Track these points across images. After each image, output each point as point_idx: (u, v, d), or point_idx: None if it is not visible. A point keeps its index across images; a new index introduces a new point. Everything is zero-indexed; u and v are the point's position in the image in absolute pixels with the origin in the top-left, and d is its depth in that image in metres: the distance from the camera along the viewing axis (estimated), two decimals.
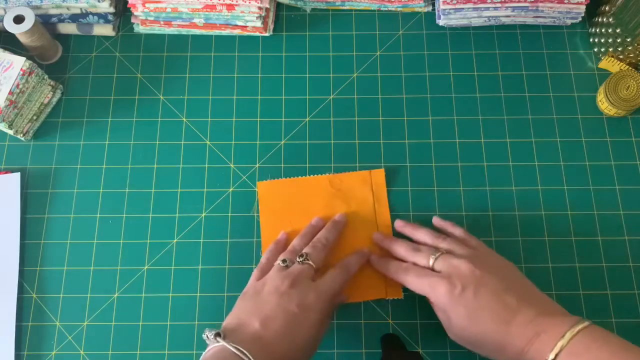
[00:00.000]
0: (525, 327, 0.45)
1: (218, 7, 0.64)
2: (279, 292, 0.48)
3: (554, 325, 0.44)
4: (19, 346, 0.57)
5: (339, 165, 0.62)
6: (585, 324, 0.43)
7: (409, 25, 0.69)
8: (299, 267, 0.51)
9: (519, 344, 0.44)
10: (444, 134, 0.63)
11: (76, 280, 0.59)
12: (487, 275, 0.47)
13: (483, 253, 0.52)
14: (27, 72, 0.60)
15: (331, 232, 0.56)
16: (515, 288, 0.47)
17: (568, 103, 0.65)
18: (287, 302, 0.47)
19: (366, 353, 0.56)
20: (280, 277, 0.49)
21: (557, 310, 0.47)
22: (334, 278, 0.51)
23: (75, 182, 0.62)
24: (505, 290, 0.47)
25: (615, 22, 0.62)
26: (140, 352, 0.56)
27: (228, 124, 0.65)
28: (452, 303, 0.47)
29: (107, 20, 0.67)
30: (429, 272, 0.50)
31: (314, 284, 0.50)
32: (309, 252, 0.52)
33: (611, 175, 0.62)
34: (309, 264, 0.51)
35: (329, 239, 0.55)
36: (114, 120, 0.65)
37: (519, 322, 0.45)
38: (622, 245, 0.59)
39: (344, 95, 0.65)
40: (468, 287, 0.47)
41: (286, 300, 0.47)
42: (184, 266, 0.59)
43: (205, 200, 0.61)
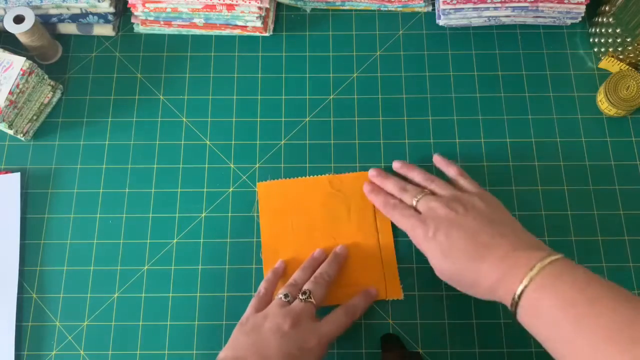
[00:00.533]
0: (499, 263, 0.45)
1: (218, 7, 0.64)
2: (280, 331, 0.47)
3: (525, 258, 0.44)
4: (19, 346, 0.57)
5: (339, 165, 0.62)
6: (557, 256, 0.43)
7: (409, 25, 0.69)
8: (301, 306, 0.50)
9: (492, 279, 0.45)
10: (444, 134, 0.63)
11: (76, 280, 0.59)
12: (462, 216, 0.48)
13: (468, 194, 0.52)
14: (27, 72, 0.60)
15: (332, 267, 0.55)
16: (493, 226, 0.48)
17: (568, 103, 0.65)
18: (288, 345, 0.46)
19: (366, 353, 0.56)
20: (282, 315, 0.49)
21: (533, 244, 0.46)
22: (338, 322, 0.51)
23: (75, 182, 0.62)
24: (480, 229, 0.47)
25: (615, 22, 0.62)
26: (140, 352, 0.56)
27: (228, 124, 0.65)
28: (427, 244, 0.49)
29: (107, 20, 0.67)
30: (412, 212, 0.52)
31: (316, 326, 0.49)
32: (311, 290, 0.51)
33: (611, 175, 0.62)
34: (311, 303, 0.51)
35: (331, 275, 0.54)
36: (114, 120, 0.65)
37: (492, 259, 0.45)
38: (622, 245, 0.59)
39: (344, 95, 0.65)
40: (440, 229, 0.49)
41: (287, 342, 0.47)
42: (184, 266, 0.59)
43: (205, 200, 0.61)
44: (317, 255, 0.57)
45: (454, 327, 0.56)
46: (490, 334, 0.56)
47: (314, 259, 0.57)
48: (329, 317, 0.51)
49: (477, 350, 0.56)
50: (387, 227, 0.59)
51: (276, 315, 0.49)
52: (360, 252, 0.58)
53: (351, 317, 0.52)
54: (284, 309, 0.50)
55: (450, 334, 0.56)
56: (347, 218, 0.60)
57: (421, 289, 0.58)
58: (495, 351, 0.56)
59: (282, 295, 0.51)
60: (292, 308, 0.50)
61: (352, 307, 0.53)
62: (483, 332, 0.56)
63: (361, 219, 0.60)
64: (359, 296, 0.55)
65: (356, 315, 0.53)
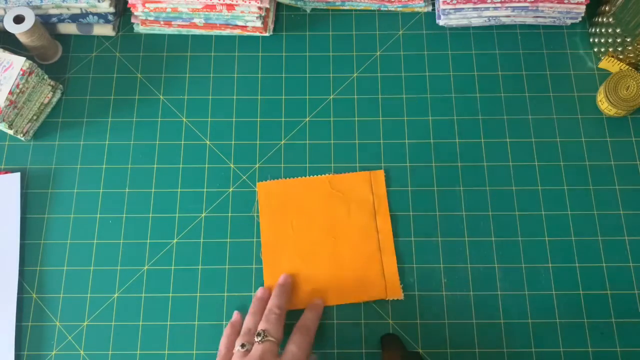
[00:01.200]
0: None
1: (218, 7, 0.64)
2: None
3: None
4: (19, 346, 0.57)
5: (339, 165, 0.62)
6: None
7: (409, 25, 0.69)
8: (260, 348, 0.48)
9: None
10: (444, 134, 0.63)
11: (76, 280, 0.59)
12: None
13: None
14: (27, 72, 0.60)
15: (281, 298, 0.54)
16: None
17: (568, 103, 0.65)
18: None
19: (366, 353, 0.56)
20: None
21: None
22: (299, 346, 0.49)
23: (75, 182, 0.62)
24: None
25: (615, 22, 0.62)
26: (140, 352, 0.56)
27: (228, 124, 0.65)
28: None
29: (107, 20, 0.67)
30: None
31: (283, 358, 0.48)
32: (265, 328, 0.50)
33: (611, 175, 0.62)
34: (269, 341, 0.49)
35: (281, 307, 0.53)
36: (114, 120, 0.65)
37: None
38: (622, 245, 0.59)
39: (344, 95, 0.65)
40: None
41: None
42: (184, 266, 0.59)
43: (205, 200, 0.61)
44: (261, 295, 0.55)
45: (454, 327, 0.56)
46: (490, 334, 0.56)
47: (259, 299, 0.55)
48: (288, 346, 0.49)
49: (477, 350, 0.56)
50: (387, 227, 0.59)
51: None
52: (360, 252, 0.58)
53: (308, 334, 0.51)
54: (244, 358, 0.48)
55: (450, 334, 0.56)
56: (347, 218, 0.60)
57: (421, 289, 0.58)
58: (495, 351, 0.56)
59: (239, 346, 0.49)
60: (252, 354, 0.48)
61: (304, 324, 0.52)
62: (483, 332, 0.56)
63: (361, 219, 0.60)
64: (306, 312, 0.54)
65: (311, 330, 0.52)
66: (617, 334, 0.56)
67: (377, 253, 0.58)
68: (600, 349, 0.56)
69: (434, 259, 0.59)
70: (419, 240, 0.59)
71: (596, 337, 0.56)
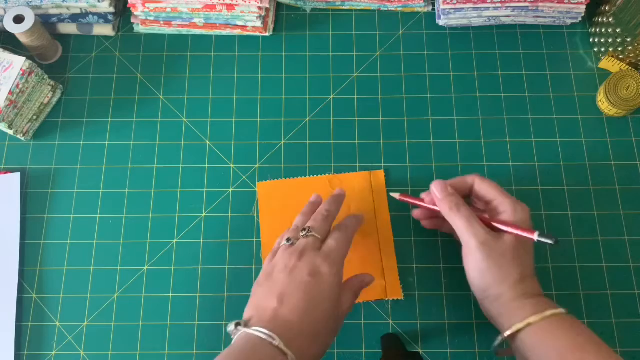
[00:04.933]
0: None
1: (218, 7, 0.64)
2: (288, 268, 0.47)
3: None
4: (19, 346, 0.57)
5: (339, 165, 0.62)
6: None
7: (409, 25, 0.69)
8: (303, 241, 0.50)
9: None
10: (444, 134, 0.63)
11: (76, 280, 0.59)
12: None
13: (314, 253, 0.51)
14: (27, 72, 0.60)
15: (332, 205, 0.55)
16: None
17: (568, 103, 0.65)
18: (299, 274, 0.46)
19: (366, 353, 0.56)
20: (288, 255, 0.49)
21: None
22: (337, 239, 0.50)
23: (75, 182, 0.62)
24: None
25: (615, 22, 0.62)
26: (140, 352, 0.56)
27: (228, 124, 0.65)
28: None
29: (107, 20, 0.67)
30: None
31: (321, 251, 0.49)
32: (311, 225, 0.51)
33: (611, 175, 0.62)
34: (313, 236, 0.50)
35: (330, 210, 0.54)
36: (114, 120, 0.65)
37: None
38: (622, 245, 0.59)
39: (344, 95, 0.65)
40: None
41: (297, 273, 0.47)
42: (184, 266, 0.59)
43: (205, 200, 0.61)
44: (314, 200, 0.56)
45: (454, 327, 0.56)
46: (489, 333, 0.56)
47: (312, 203, 0.56)
48: (327, 241, 0.50)
49: (477, 350, 0.56)
50: (387, 227, 0.59)
51: (282, 257, 0.49)
52: (360, 252, 0.58)
53: (346, 232, 0.52)
54: (288, 250, 0.50)
55: (450, 334, 0.56)
56: None
57: (421, 289, 0.58)
58: None
59: (285, 240, 0.51)
60: (296, 246, 0.49)
61: (343, 223, 0.53)
62: (483, 332, 0.56)
63: None
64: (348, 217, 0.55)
65: (349, 229, 0.52)
66: (617, 334, 0.56)
67: (377, 253, 0.58)
68: None
69: (434, 259, 0.59)
70: (419, 240, 0.59)
71: None
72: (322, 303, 0.46)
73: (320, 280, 0.46)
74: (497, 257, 0.48)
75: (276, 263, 0.49)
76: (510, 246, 0.48)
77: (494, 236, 0.49)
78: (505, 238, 0.49)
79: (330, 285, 0.47)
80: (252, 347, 0.42)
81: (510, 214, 0.50)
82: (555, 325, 0.45)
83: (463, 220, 0.50)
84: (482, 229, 0.49)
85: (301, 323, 0.44)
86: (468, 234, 0.49)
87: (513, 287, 0.48)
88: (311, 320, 0.45)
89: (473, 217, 0.50)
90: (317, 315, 0.45)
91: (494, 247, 0.48)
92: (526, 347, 0.45)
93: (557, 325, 0.45)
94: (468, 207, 0.51)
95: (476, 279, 0.50)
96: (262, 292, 0.47)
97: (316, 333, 0.45)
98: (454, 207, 0.51)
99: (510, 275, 0.48)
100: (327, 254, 0.48)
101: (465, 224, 0.50)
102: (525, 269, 0.49)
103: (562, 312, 0.46)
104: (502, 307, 0.48)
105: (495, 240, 0.49)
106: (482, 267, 0.49)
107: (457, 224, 0.50)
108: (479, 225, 0.49)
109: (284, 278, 0.47)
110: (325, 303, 0.46)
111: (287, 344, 0.42)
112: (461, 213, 0.50)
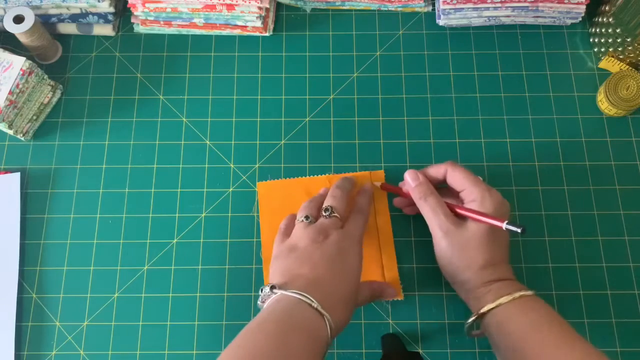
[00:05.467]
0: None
1: (218, 7, 0.64)
2: (317, 242, 0.48)
3: None
4: (19, 346, 0.57)
5: (339, 165, 0.62)
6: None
7: (409, 25, 0.69)
8: (326, 222, 0.51)
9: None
10: (444, 134, 0.63)
11: (76, 280, 0.59)
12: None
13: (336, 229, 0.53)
14: (27, 72, 0.60)
15: (346, 181, 0.57)
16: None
17: (568, 103, 0.65)
18: (327, 248, 0.48)
19: (366, 353, 0.56)
20: (312, 231, 0.50)
21: None
22: (356, 222, 0.52)
23: (75, 182, 0.62)
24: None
25: (615, 22, 0.62)
26: (140, 352, 0.56)
27: (228, 124, 0.65)
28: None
29: (107, 20, 0.67)
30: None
31: (345, 230, 0.51)
32: (333, 205, 0.52)
33: (611, 175, 0.62)
34: (335, 217, 0.52)
35: (347, 187, 0.55)
36: (114, 120, 0.65)
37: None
38: (622, 245, 0.59)
39: (344, 95, 0.65)
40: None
41: (325, 248, 0.48)
42: (184, 266, 0.59)
43: (205, 200, 0.61)
44: (324, 192, 0.57)
45: (454, 327, 0.56)
46: None
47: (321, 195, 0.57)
48: (349, 223, 0.52)
49: (477, 350, 0.56)
50: (387, 227, 0.59)
51: (306, 233, 0.50)
52: None
53: (363, 214, 0.54)
54: (310, 226, 0.51)
55: (450, 334, 0.56)
56: None
57: (421, 289, 0.58)
58: None
59: (303, 217, 0.52)
60: (319, 224, 0.51)
61: (359, 206, 0.55)
62: None
63: None
64: (358, 197, 0.56)
65: (365, 211, 0.55)
66: (617, 334, 0.56)
67: (377, 253, 0.58)
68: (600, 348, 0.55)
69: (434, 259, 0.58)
70: (419, 240, 0.59)
71: (596, 337, 0.56)
72: (350, 275, 0.48)
73: (346, 254, 0.49)
74: (460, 245, 0.50)
75: (300, 238, 0.50)
76: (474, 234, 0.50)
77: (458, 224, 0.51)
78: (469, 226, 0.50)
79: (355, 261, 0.49)
80: (291, 309, 0.43)
81: (478, 202, 0.51)
82: (523, 305, 0.47)
83: (429, 210, 0.52)
84: (446, 218, 0.51)
85: (334, 290, 0.46)
86: (433, 223, 0.52)
87: (478, 272, 0.49)
88: (342, 288, 0.47)
89: (439, 206, 0.52)
90: (346, 285, 0.47)
91: (456, 236, 0.50)
92: (493, 326, 0.47)
93: (524, 305, 0.47)
94: (436, 196, 0.53)
95: (443, 266, 0.52)
96: (291, 262, 0.48)
97: (346, 300, 0.47)
98: (422, 196, 0.53)
99: (475, 262, 0.49)
100: (351, 235, 0.51)
101: (431, 213, 0.52)
102: (494, 255, 0.50)
103: (531, 293, 0.48)
104: (470, 292, 0.50)
105: (458, 229, 0.50)
106: (446, 255, 0.51)
107: (424, 213, 0.53)
108: (443, 215, 0.51)
109: (313, 250, 0.48)
110: (352, 276, 0.48)
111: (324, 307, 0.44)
112: (428, 202, 0.52)
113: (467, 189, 0.52)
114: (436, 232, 0.51)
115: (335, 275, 0.47)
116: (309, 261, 0.47)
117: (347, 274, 0.48)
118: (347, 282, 0.47)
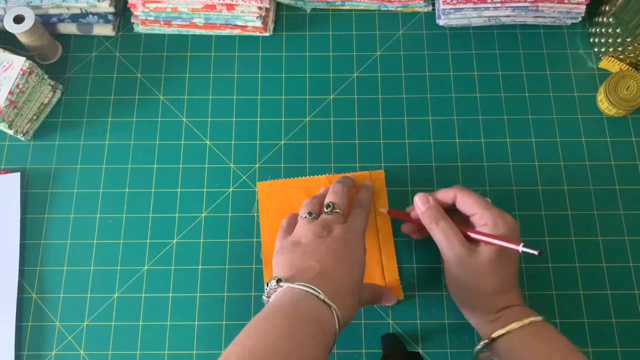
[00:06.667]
0: None
1: (218, 7, 0.64)
2: (321, 237, 0.49)
3: None
4: (19, 346, 0.57)
5: (339, 165, 0.62)
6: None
7: (409, 25, 0.69)
8: (330, 217, 0.51)
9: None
10: (444, 134, 0.63)
11: (76, 280, 0.59)
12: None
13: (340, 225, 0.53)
14: (27, 72, 0.60)
15: (345, 178, 0.57)
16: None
17: (568, 103, 0.65)
18: (332, 242, 0.48)
19: (366, 353, 0.56)
20: (317, 226, 0.50)
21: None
22: (359, 216, 0.53)
23: (75, 182, 0.62)
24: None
25: (615, 22, 0.62)
26: (140, 352, 0.56)
27: (228, 124, 0.65)
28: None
29: (107, 20, 0.67)
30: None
31: (348, 225, 0.51)
32: (334, 201, 0.52)
33: (611, 175, 0.62)
34: (337, 213, 0.52)
35: (348, 183, 0.56)
36: (114, 120, 0.65)
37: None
38: (622, 245, 0.59)
39: (344, 95, 0.65)
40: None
41: (330, 241, 0.48)
42: (184, 266, 0.59)
43: (205, 200, 0.61)
44: (324, 192, 0.57)
45: (454, 327, 0.56)
46: None
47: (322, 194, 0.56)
48: (351, 217, 0.52)
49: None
50: (387, 227, 0.59)
51: (310, 228, 0.50)
52: None
53: (365, 209, 0.54)
54: (314, 222, 0.51)
55: (450, 334, 0.56)
56: None
57: (421, 289, 0.58)
58: None
59: (306, 214, 0.52)
60: (322, 219, 0.51)
61: (360, 201, 0.55)
62: None
63: None
64: (360, 192, 0.57)
65: (367, 206, 0.55)
66: (617, 334, 0.56)
67: (377, 253, 0.58)
68: (600, 349, 0.55)
69: (434, 259, 0.59)
70: (419, 241, 0.59)
71: (596, 337, 0.56)
72: (355, 268, 0.48)
73: (351, 248, 0.49)
74: (472, 271, 0.49)
75: (304, 233, 0.50)
76: (486, 259, 0.49)
77: (470, 250, 0.50)
78: (481, 251, 0.49)
79: (360, 253, 0.49)
80: (298, 301, 0.43)
81: (491, 226, 0.50)
82: (533, 332, 0.47)
83: (441, 234, 0.51)
84: (459, 242, 0.50)
85: (340, 283, 0.46)
86: (446, 248, 0.51)
87: (489, 298, 0.49)
88: (348, 281, 0.47)
89: (451, 230, 0.51)
90: (352, 278, 0.47)
91: (468, 261, 0.49)
92: (502, 352, 0.47)
93: (534, 332, 0.47)
94: (447, 220, 0.51)
95: (453, 292, 0.52)
96: (295, 256, 0.48)
97: (353, 293, 0.47)
98: (433, 220, 0.52)
99: (486, 288, 0.49)
100: (354, 229, 0.51)
101: (442, 238, 0.51)
102: (504, 280, 0.50)
103: (540, 319, 0.47)
104: (480, 318, 0.50)
105: (470, 254, 0.49)
106: (458, 281, 0.50)
107: (436, 237, 0.52)
108: (455, 239, 0.50)
109: (317, 244, 0.48)
110: (357, 269, 0.48)
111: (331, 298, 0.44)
112: (439, 226, 0.51)
113: (478, 213, 0.51)
114: (449, 258, 0.50)
115: (341, 268, 0.47)
116: (314, 255, 0.47)
117: (353, 267, 0.48)
118: (352, 274, 0.47)
